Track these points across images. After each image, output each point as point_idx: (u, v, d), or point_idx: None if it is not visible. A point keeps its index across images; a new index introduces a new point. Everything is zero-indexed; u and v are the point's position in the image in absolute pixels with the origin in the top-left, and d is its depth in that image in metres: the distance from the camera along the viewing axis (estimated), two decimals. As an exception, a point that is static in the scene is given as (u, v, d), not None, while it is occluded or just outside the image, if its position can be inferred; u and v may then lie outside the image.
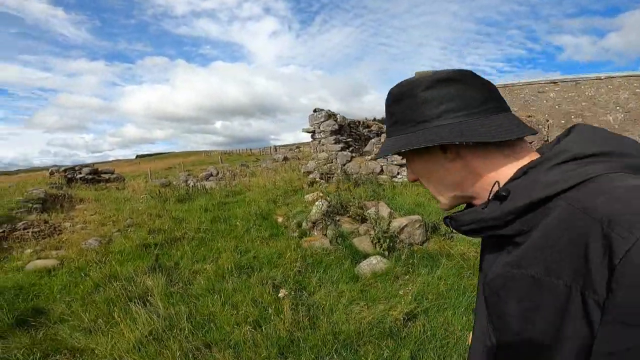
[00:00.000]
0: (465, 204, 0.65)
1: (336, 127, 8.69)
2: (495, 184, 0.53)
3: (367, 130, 10.48)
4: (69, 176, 9.07)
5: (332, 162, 8.57)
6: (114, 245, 4.96)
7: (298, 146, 23.71)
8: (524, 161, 0.54)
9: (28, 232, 5.50)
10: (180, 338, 2.34)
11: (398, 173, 7.75)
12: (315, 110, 9.00)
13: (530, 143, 8.76)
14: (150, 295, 3.17)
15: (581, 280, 0.39)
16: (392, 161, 7.74)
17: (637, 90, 12.51)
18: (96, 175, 9.64)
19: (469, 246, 4.07)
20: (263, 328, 2.53)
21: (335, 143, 8.61)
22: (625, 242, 0.35)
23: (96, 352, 2.22)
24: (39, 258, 4.57)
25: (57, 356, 2.20)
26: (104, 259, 4.31)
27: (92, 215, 6.54)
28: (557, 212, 0.45)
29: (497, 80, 15.13)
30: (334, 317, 2.74)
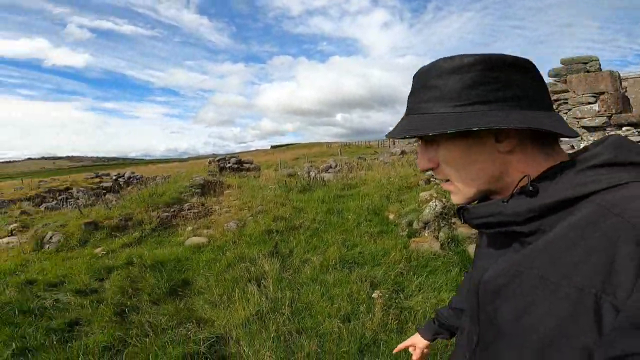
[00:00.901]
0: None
1: None
2: (524, 177, 0.50)
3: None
4: (221, 165, 11.08)
5: None
6: (247, 228, 5.84)
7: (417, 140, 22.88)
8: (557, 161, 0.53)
9: (190, 212, 6.99)
10: (279, 321, 2.67)
11: None
12: None
13: None
14: (265, 278, 3.67)
15: (599, 283, 0.38)
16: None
17: None
18: (240, 165, 11.47)
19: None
20: (351, 324, 2.65)
21: None
22: None
23: (215, 324, 2.76)
24: (194, 235, 5.78)
25: (188, 324, 2.81)
26: (238, 240, 5.15)
27: (234, 200, 7.82)
28: (586, 213, 0.43)
29: None
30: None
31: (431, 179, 7.37)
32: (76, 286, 3.78)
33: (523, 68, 0.50)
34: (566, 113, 6.23)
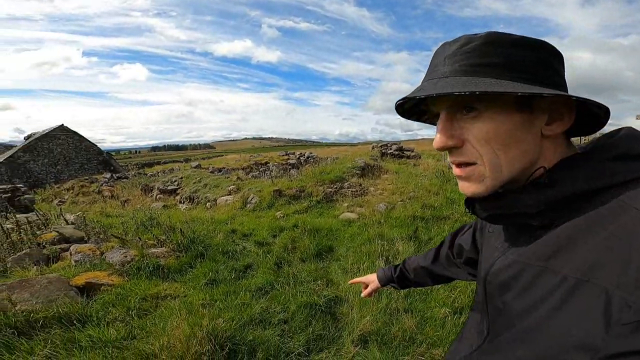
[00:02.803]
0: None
1: None
2: (540, 168, 0.50)
3: None
4: (383, 150, 11.62)
5: None
6: (395, 211, 6.16)
7: None
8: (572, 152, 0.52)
9: (349, 190, 7.84)
10: (393, 297, 2.95)
11: None
12: None
13: None
14: (396, 258, 3.96)
15: (612, 277, 0.37)
16: None
17: None
18: (401, 152, 11.70)
19: None
20: (461, 315, 2.67)
21: None
22: None
23: (339, 287, 3.27)
24: (348, 211, 6.54)
25: (319, 282, 3.43)
26: (383, 221, 5.57)
27: (389, 184, 8.22)
28: (602, 207, 0.43)
29: None
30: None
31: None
32: (258, 238, 5.08)
33: (557, 55, 0.50)
34: None
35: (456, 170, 0.54)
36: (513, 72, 0.47)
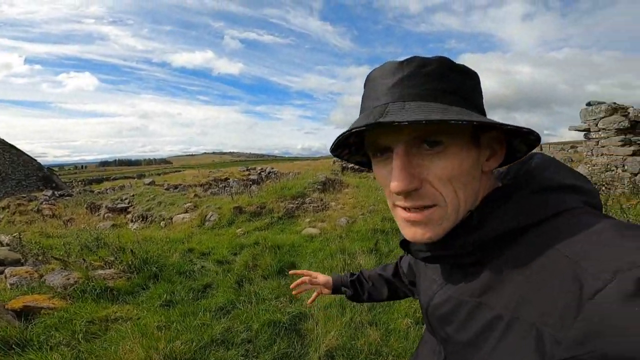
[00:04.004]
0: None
1: (626, 124, 6.46)
2: (468, 213, 0.48)
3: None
4: (343, 165, 11.87)
5: (614, 170, 6.54)
6: (356, 225, 6.25)
7: (573, 145, 18.75)
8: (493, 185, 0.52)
9: (310, 206, 7.85)
10: (356, 311, 2.96)
11: None
12: (589, 104, 7.07)
13: None
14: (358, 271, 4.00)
15: (540, 315, 0.37)
16: None
17: None
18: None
19: None
20: (423, 326, 2.73)
21: (622, 145, 6.48)
22: (598, 284, 0.33)
23: (303, 303, 3.23)
24: (310, 226, 6.52)
25: (282, 299, 3.38)
26: (345, 235, 5.62)
27: (350, 199, 8.35)
28: (528, 244, 0.43)
29: None
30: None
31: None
32: (218, 257, 4.89)
33: (477, 78, 0.50)
34: None
35: (410, 216, 0.47)
36: (467, 100, 0.46)
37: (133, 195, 11.90)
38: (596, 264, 0.35)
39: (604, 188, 6.34)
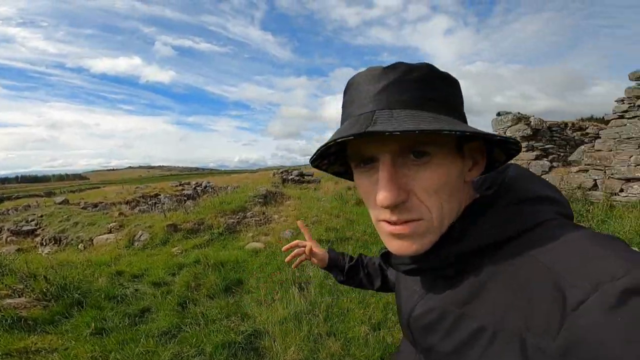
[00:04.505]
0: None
1: (529, 131, 7.45)
2: (449, 226, 0.47)
3: (579, 133, 8.36)
4: (284, 177, 11.82)
5: None
6: (300, 237, 6.18)
7: None
8: (472, 196, 0.52)
9: (252, 220, 7.60)
10: (313, 323, 2.89)
11: (622, 190, 5.87)
12: (499, 114, 8.04)
13: None
14: (308, 283, 3.93)
15: (524, 324, 0.38)
16: (612, 173, 5.94)
17: None
18: (301, 177, 12.10)
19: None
20: (380, 332, 2.76)
21: (527, 150, 7.42)
22: (581, 295, 0.34)
23: (257, 320, 3.08)
24: (254, 241, 6.30)
25: (234, 318, 3.18)
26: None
27: (292, 210, 8.29)
28: (508, 255, 0.43)
29: None
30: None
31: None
32: (153, 279, 4.44)
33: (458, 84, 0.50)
34: None
35: (395, 229, 0.45)
36: (453, 108, 0.45)
37: (42, 216, 10.40)
38: (578, 275, 0.35)
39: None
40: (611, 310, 0.31)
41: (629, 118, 5.68)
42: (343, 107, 0.49)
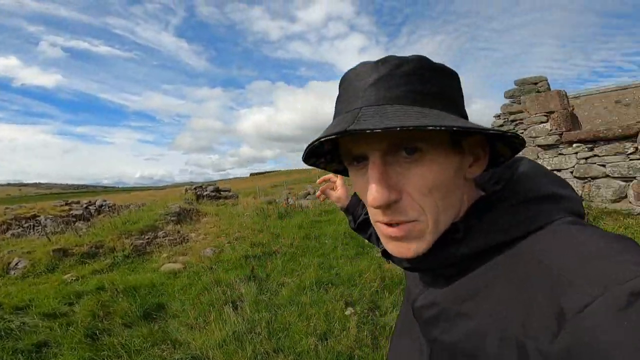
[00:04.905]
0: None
1: None
2: (451, 224, 0.45)
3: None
4: (198, 193, 11.05)
5: None
6: (224, 255, 5.83)
7: None
8: (477, 193, 0.49)
9: (165, 240, 6.89)
10: (256, 341, 2.70)
11: None
12: None
13: None
14: (242, 301, 3.69)
15: (523, 327, 0.36)
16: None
17: None
18: (217, 193, 11.47)
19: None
20: (328, 341, 2.72)
21: None
22: (586, 298, 0.33)
23: (191, 345, 2.75)
24: (170, 262, 5.69)
25: (163, 346, 2.80)
26: (214, 266, 5.13)
27: (211, 228, 7.77)
28: (511, 257, 0.41)
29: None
30: (399, 342, 2.76)
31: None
32: (44, 310, 3.65)
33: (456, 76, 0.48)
34: (522, 132, 6.44)
35: (392, 231, 0.44)
36: (447, 102, 0.43)
37: None
38: (584, 277, 0.34)
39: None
40: (619, 313, 0.30)
41: (503, 131, 6.88)
42: (335, 103, 0.47)
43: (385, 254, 0.52)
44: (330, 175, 1.02)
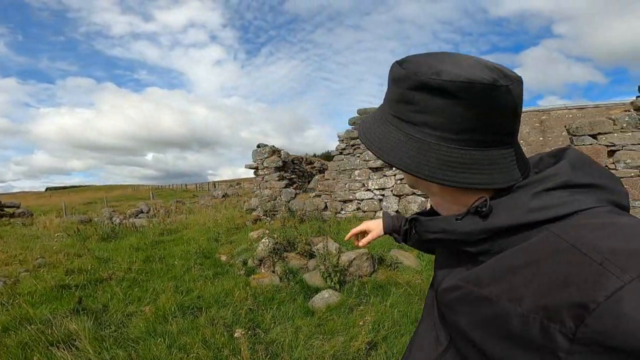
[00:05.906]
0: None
1: (280, 163, 8.72)
2: (480, 198, 0.48)
3: (310, 166, 10.69)
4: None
5: (276, 199, 8.51)
6: (22, 286, 4.20)
7: (238, 182, 22.99)
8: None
9: None
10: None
11: (342, 209, 7.88)
12: (259, 146, 8.97)
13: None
14: (77, 340, 2.72)
15: (550, 310, 0.36)
16: (335, 197, 7.89)
17: (536, 124, 14.98)
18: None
19: (413, 274, 4.28)
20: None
21: (279, 180, 8.60)
22: (616, 282, 0.33)
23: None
24: None
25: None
26: (11, 301, 3.61)
27: (-10, 254, 5.50)
28: (539, 240, 0.42)
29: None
30: (296, 353, 2.62)
31: (259, 219, 7.55)
32: None
33: (449, 93, 0.46)
34: (359, 156, 7.46)
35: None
36: (445, 132, 0.46)
37: None
38: (615, 262, 0.34)
39: (270, 213, 8.10)
40: None
41: (345, 154, 7.78)
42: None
43: (413, 223, 0.57)
44: (357, 230, 1.07)
